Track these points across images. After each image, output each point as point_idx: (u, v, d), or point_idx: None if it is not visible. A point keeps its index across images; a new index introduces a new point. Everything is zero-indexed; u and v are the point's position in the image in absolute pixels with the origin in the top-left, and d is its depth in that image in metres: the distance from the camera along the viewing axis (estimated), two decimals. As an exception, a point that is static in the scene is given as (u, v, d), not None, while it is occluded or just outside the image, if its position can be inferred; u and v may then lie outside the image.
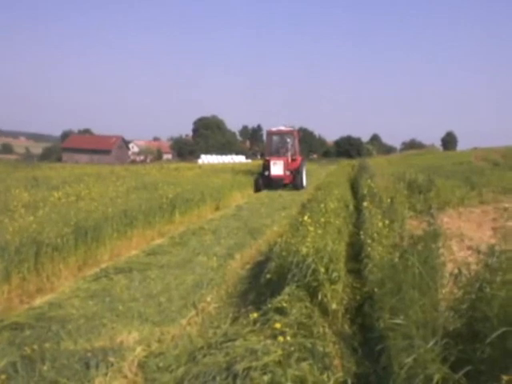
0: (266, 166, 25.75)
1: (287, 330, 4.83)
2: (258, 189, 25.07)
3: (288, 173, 25.44)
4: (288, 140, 27.01)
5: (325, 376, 4.18)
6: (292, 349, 4.43)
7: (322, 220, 8.94)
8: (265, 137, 30.13)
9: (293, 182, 25.59)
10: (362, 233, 9.37)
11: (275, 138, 28.04)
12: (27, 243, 8.26)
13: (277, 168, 25.26)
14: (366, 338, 5.84)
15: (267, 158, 26.24)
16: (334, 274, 6.53)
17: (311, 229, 7.74)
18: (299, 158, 26.86)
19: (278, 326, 4.83)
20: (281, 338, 4.51)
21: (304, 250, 6.72)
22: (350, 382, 4.52)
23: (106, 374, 4.80)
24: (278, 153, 26.74)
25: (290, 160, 25.77)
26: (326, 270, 6.46)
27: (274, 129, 27.92)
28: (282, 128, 27.63)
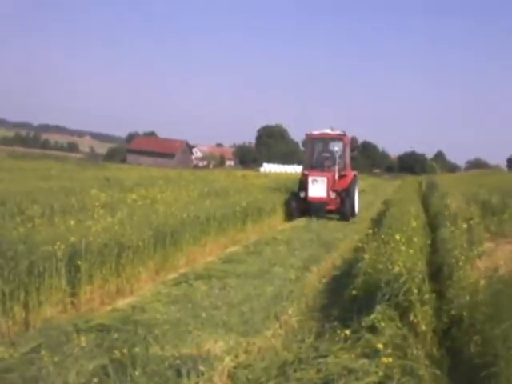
0: (303, 184, 18.79)
1: (384, 350, 4.69)
2: (290, 215, 18.32)
3: (333, 195, 18.10)
4: (336, 148, 19.14)
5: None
6: (394, 370, 4.30)
7: (415, 240, 8.71)
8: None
9: (340, 208, 18.39)
10: (449, 253, 9.05)
11: (318, 144, 20.66)
12: (110, 244, 8.32)
13: (317, 188, 17.96)
14: (455, 361, 5.66)
15: (305, 173, 19.02)
16: (426, 296, 6.36)
17: (403, 248, 7.54)
18: (351, 174, 19.78)
19: (380, 346, 4.68)
20: (384, 359, 4.37)
21: (396, 269, 6.56)
22: None
23: (197, 383, 4.74)
24: (321, 166, 19.23)
25: (337, 176, 18.61)
26: (419, 290, 6.29)
27: (316, 132, 20.17)
28: (329, 131, 20.22)
